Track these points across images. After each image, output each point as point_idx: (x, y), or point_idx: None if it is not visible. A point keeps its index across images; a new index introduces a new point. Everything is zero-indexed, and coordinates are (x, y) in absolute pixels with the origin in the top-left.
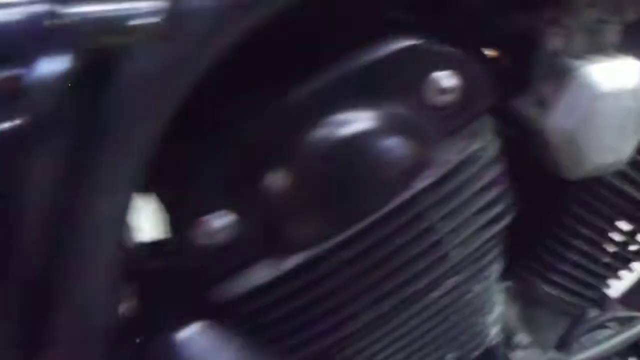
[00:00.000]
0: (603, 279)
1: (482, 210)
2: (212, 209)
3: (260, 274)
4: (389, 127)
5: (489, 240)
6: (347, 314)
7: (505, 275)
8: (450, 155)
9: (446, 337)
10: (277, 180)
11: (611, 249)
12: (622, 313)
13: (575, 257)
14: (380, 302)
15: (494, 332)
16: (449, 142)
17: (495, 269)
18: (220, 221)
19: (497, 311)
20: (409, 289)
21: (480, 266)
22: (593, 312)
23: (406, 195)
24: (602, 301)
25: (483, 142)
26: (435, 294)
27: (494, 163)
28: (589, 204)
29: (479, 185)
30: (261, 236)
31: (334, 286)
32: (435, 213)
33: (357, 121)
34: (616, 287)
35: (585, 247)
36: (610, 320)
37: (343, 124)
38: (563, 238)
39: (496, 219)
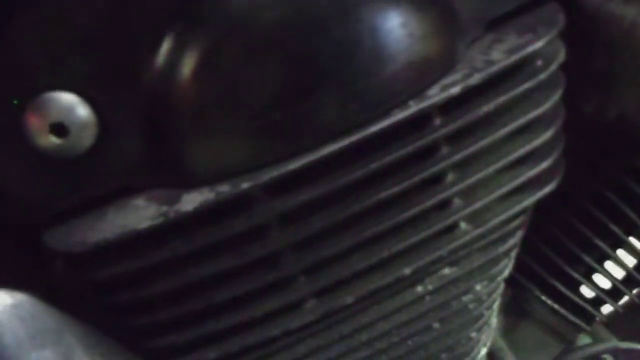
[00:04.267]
0: (601, 304)
1: (518, 164)
2: (54, 85)
3: (131, 216)
4: None
5: (517, 215)
6: (273, 306)
7: None
8: (489, 54)
9: (421, 356)
10: (174, 52)
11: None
12: (622, 344)
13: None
14: (334, 291)
15: (480, 357)
16: (491, 34)
17: (507, 266)
18: (70, 110)
19: (492, 327)
20: (384, 274)
21: (495, 255)
22: (584, 339)
23: (405, 112)
24: (595, 329)
25: (543, 43)
26: (421, 287)
27: (553, 84)
28: (614, 208)
29: (523, 116)
30: (138, 149)
31: (253, 255)
32: (447, 153)
33: None
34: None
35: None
36: (605, 352)
37: None
38: (573, 251)
39: (535, 182)
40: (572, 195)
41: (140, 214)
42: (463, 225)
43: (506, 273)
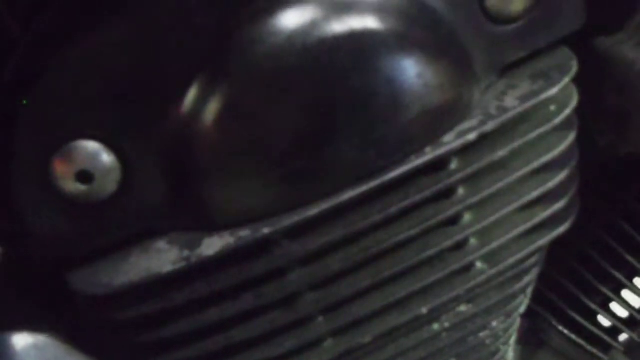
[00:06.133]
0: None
1: (533, 205)
2: (80, 134)
3: (154, 260)
4: (412, 34)
5: (532, 254)
6: (291, 345)
7: None
8: (503, 100)
9: None
10: (198, 102)
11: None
12: None
13: (597, 305)
14: (352, 330)
15: None
16: (505, 80)
17: (523, 302)
18: (95, 158)
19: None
20: (401, 314)
21: (511, 292)
22: None
23: (422, 158)
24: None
25: (557, 90)
26: (438, 325)
27: (566, 127)
28: (629, 238)
29: (538, 159)
30: (161, 194)
31: (272, 296)
32: (463, 196)
33: (353, 9)
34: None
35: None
36: None
37: (326, 11)
38: (590, 281)
39: (550, 222)
40: (588, 226)
41: (163, 257)
42: (479, 265)
43: (522, 309)
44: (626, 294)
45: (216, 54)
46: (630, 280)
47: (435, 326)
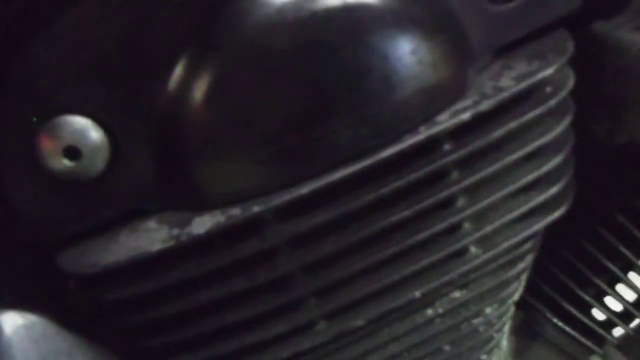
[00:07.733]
0: (613, 326)
1: (528, 189)
2: (68, 109)
3: (143, 239)
4: (407, 9)
5: (526, 239)
6: (284, 328)
7: None
8: (499, 81)
9: None
10: (186, 77)
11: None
12: None
13: (592, 298)
14: (345, 313)
15: None
16: (501, 61)
17: (517, 289)
18: (83, 134)
19: (502, 350)
20: (395, 297)
21: (505, 279)
22: None
23: (415, 137)
24: (608, 351)
25: (553, 70)
26: (431, 310)
27: (562, 110)
28: (624, 231)
29: (533, 142)
30: (150, 172)
31: (264, 277)
32: (457, 178)
33: None
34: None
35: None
36: None
37: None
38: (584, 273)
39: (545, 207)
40: (583, 218)
41: (152, 236)
42: (473, 249)
43: (516, 296)
44: (621, 287)
45: (204, 28)
46: (625, 273)
47: (429, 311)
